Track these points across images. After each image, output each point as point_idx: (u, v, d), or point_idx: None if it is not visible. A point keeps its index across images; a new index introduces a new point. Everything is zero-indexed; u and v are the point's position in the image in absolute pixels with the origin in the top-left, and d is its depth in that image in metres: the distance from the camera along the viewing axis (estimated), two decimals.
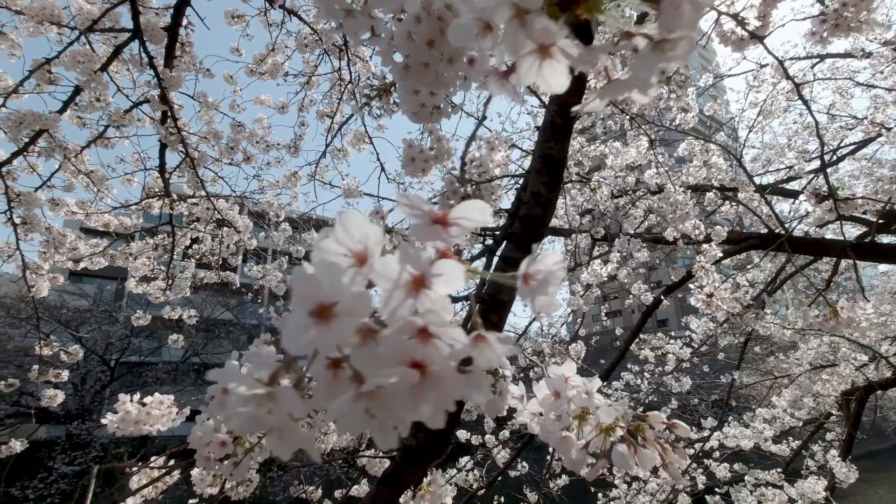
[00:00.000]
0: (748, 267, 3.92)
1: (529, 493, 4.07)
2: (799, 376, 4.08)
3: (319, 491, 2.57)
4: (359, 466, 2.15)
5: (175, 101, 2.37)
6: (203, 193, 2.63)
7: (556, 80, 0.30)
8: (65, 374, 2.36)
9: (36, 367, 2.36)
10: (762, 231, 3.15)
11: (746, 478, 3.68)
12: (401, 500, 0.92)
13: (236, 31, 2.78)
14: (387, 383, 0.25)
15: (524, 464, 3.93)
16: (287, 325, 0.25)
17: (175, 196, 2.66)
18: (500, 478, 3.48)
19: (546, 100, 1.23)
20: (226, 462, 0.90)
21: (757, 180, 4.00)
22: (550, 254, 0.32)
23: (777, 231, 2.91)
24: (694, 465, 4.18)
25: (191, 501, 1.61)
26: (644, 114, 2.24)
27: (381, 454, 1.80)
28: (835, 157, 3.31)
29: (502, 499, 4.10)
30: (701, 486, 4.24)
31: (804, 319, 3.14)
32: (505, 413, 0.80)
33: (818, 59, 3.90)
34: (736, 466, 4.12)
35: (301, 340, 0.25)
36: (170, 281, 2.83)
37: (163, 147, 2.47)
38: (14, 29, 2.19)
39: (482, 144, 1.51)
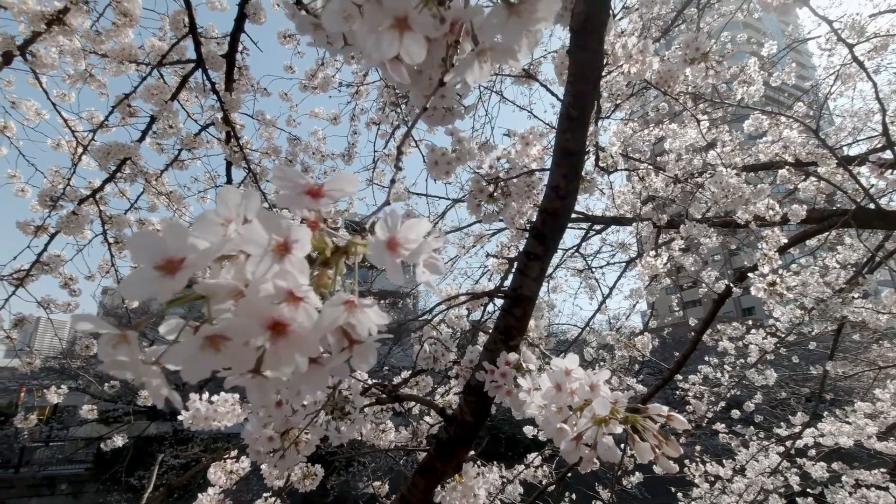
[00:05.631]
0: (838, 247, 3.55)
1: (602, 490, 3.96)
2: None
3: (386, 486, 2.67)
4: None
5: (237, 122, 2.56)
6: (266, 206, 2.81)
7: (416, 49, 0.32)
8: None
9: None
10: (850, 207, 2.85)
11: (844, 478, 3.34)
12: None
13: (288, 50, 2.95)
14: (222, 325, 0.28)
15: (595, 460, 3.82)
16: (130, 277, 0.28)
17: None
18: (569, 474, 3.42)
19: (561, 93, 1.20)
20: (273, 454, 0.98)
21: (844, 151, 3.62)
22: (420, 220, 0.32)
23: (867, 206, 2.62)
24: (786, 463, 3.87)
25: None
26: (697, 91, 2.09)
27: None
28: None
29: (573, 496, 4.02)
30: (796, 488, 3.91)
31: None
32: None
33: None
34: (835, 466, 3.76)
35: (142, 290, 0.27)
36: None
37: (228, 165, 2.68)
38: (103, 70, 2.46)
39: (516, 140, 1.50)
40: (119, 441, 2.60)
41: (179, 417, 1.25)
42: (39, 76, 2.09)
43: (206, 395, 1.31)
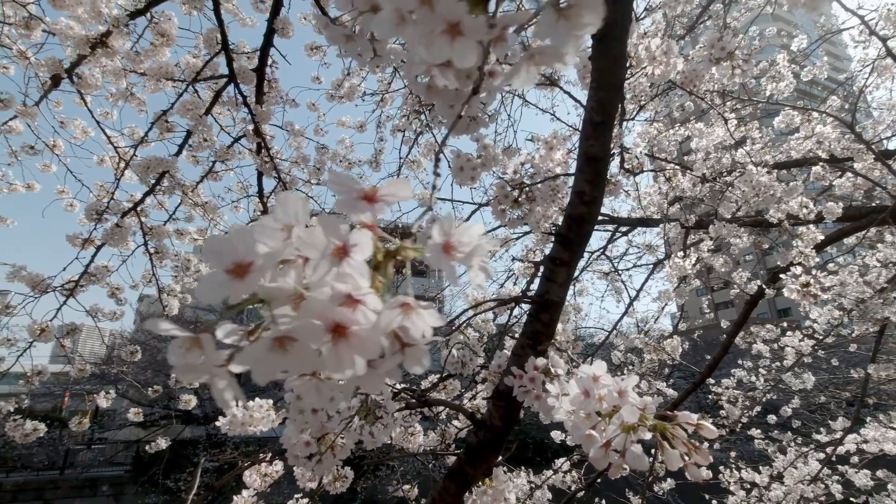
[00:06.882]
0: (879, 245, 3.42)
1: (633, 497, 3.89)
2: None
3: (416, 490, 2.69)
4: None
5: (267, 133, 2.64)
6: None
7: (467, 53, 0.33)
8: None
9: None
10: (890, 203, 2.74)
11: (890, 486, 3.20)
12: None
13: (315, 62, 3.03)
14: (290, 328, 0.28)
15: (624, 466, 3.76)
16: (204, 280, 0.29)
17: None
18: (599, 480, 3.37)
19: (583, 96, 1.22)
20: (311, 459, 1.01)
21: (883, 145, 3.49)
22: (473, 225, 0.32)
23: None
24: (827, 470, 3.73)
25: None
26: (725, 89, 2.05)
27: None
28: None
29: (603, 501, 3.97)
30: (839, 496, 3.77)
31: None
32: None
33: None
34: (880, 473, 3.60)
35: (215, 293, 0.28)
36: None
37: (260, 175, 2.77)
38: (142, 88, 2.58)
39: (540, 145, 1.52)
40: (163, 443, 2.72)
41: (217, 423, 1.30)
42: (85, 96, 2.21)
43: (241, 401, 1.36)
